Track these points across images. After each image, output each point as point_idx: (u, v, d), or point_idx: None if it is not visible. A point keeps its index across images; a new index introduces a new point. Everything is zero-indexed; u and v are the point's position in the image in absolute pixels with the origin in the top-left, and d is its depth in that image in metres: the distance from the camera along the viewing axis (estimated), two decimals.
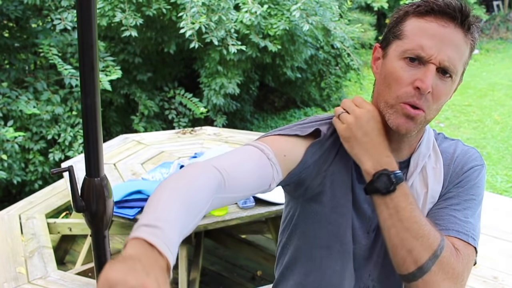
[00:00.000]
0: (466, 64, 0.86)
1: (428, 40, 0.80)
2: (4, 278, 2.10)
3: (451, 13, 0.81)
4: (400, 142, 0.90)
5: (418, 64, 0.81)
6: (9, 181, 3.34)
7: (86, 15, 1.04)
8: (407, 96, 0.81)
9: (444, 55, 0.80)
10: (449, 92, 0.85)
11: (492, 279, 2.66)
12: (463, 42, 0.82)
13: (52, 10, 3.74)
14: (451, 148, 0.95)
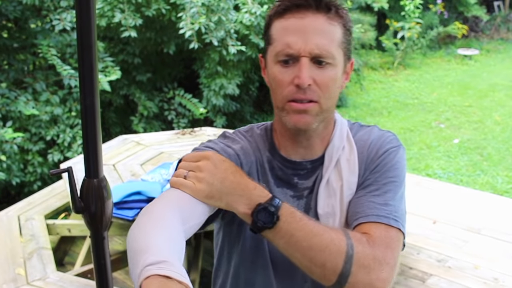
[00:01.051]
0: (346, 43, 0.85)
1: (292, 37, 0.80)
2: (3, 280, 2.10)
3: (303, 3, 0.81)
4: (309, 140, 0.89)
5: (292, 63, 0.81)
6: (8, 182, 3.33)
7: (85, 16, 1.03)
8: (291, 94, 0.82)
9: (312, 44, 0.80)
10: (335, 77, 0.83)
11: (492, 280, 2.65)
12: (328, 25, 0.81)
13: (51, 10, 3.74)
14: (366, 135, 0.92)
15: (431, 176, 4.16)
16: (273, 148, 0.92)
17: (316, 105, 0.83)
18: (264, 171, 0.91)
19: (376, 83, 6.90)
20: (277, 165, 0.91)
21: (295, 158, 0.91)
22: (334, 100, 0.86)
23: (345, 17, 0.85)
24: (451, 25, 7.94)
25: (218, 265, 1.01)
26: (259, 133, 0.94)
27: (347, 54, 0.86)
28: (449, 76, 7.26)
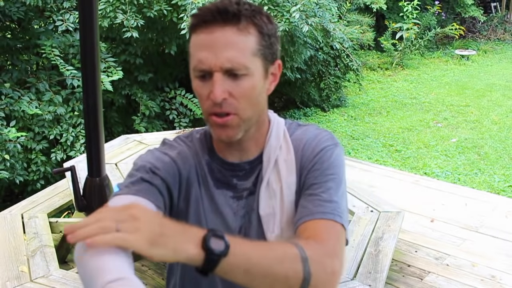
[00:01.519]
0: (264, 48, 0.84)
1: (203, 52, 0.80)
2: (7, 277, 2.12)
3: (210, 18, 0.80)
4: (242, 144, 0.89)
5: (208, 78, 0.81)
6: (12, 180, 3.36)
7: (88, 17, 1.06)
8: (210, 108, 0.83)
9: (222, 58, 0.79)
10: (252, 86, 0.82)
11: (490, 278, 2.68)
12: (238, 36, 0.80)
13: (54, 11, 3.77)
14: (302, 134, 0.93)
15: (429, 175, 4.19)
16: (212, 151, 0.93)
17: (235, 117, 0.83)
18: (204, 174, 0.92)
19: (375, 83, 6.93)
20: (216, 167, 0.92)
21: (233, 160, 0.91)
22: (257, 107, 0.86)
23: (260, 23, 0.83)
24: (449, 26, 7.97)
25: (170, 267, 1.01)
26: (198, 138, 0.95)
27: (268, 59, 0.85)
28: (446, 76, 7.29)
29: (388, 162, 4.47)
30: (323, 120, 5.51)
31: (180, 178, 0.89)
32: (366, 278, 2.12)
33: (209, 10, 0.80)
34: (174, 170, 0.88)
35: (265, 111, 0.91)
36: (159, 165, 0.86)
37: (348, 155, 4.60)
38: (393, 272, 2.71)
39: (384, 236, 2.47)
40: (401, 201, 3.42)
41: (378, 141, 4.96)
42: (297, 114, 5.65)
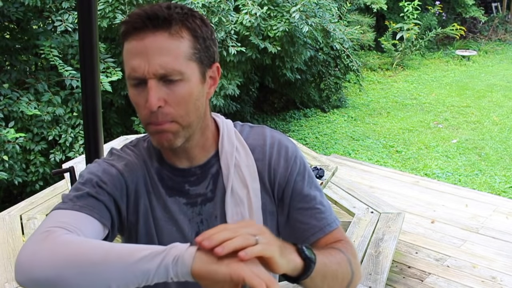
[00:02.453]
0: (199, 52, 0.81)
1: (134, 60, 0.78)
2: (5, 278, 2.12)
3: (140, 25, 0.78)
4: (188, 150, 0.87)
5: (143, 86, 0.79)
6: (10, 181, 3.35)
7: (87, 17, 1.05)
8: (147, 118, 0.81)
9: (155, 65, 0.77)
10: (188, 91, 0.80)
11: (490, 279, 2.67)
12: (170, 41, 0.78)
13: (53, 11, 3.76)
14: (259, 138, 0.92)
15: (430, 176, 4.18)
16: (161, 159, 0.90)
17: (173, 124, 0.81)
18: (154, 183, 0.89)
19: (375, 84, 6.92)
20: (166, 174, 0.89)
21: (183, 165, 0.89)
22: (196, 112, 0.83)
23: (193, 26, 0.80)
24: (449, 26, 7.97)
25: None
26: (146, 146, 0.92)
27: (204, 62, 0.82)
28: (447, 76, 7.28)
29: (389, 163, 4.46)
30: (323, 121, 5.51)
31: (128, 191, 0.86)
32: (366, 280, 2.11)
33: (139, 17, 0.78)
34: (121, 183, 0.85)
35: (207, 115, 0.88)
36: (105, 179, 0.84)
37: (349, 156, 4.59)
38: (394, 274, 2.70)
39: (384, 237, 2.46)
40: (401, 202, 3.41)
41: (378, 142, 4.96)
42: (297, 114, 5.65)
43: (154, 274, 0.67)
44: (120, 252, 0.69)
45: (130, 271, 0.67)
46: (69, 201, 0.81)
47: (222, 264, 0.65)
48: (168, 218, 0.88)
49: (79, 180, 0.85)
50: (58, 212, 0.79)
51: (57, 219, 0.77)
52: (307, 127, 5.35)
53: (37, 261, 0.70)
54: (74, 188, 0.84)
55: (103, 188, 0.83)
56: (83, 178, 0.85)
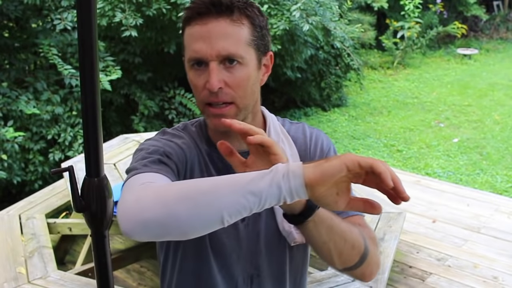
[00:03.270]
0: (257, 39, 0.86)
1: (197, 43, 0.83)
2: (4, 278, 2.11)
3: (204, 10, 0.83)
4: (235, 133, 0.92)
5: (204, 68, 0.84)
6: (9, 181, 3.34)
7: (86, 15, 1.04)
8: (206, 98, 0.85)
9: (217, 47, 0.82)
10: (246, 75, 0.85)
11: (492, 279, 2.66)
12: (232, 27, 0.83)
13: (52, 10, 3.74)
14: (299, 132, 0.98)
15: (431, 175, 4.17)
16: (209, 142, 0.94)
17: (232, 107, 0.86)
18: (206, 165, 0.92)
19: (376, 83, 6.91)
20: (216, 157, 0.92)
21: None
22: (252, 96, 0.88)
23: (252, 15, 0.86)
24: (451, 25, 7.95)
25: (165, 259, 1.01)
26: (194, 130, 0.96)
27: (260, 50, 0.88)
28: (448, 75, 7.27)
29: (390, 162, 4.44)
30: (324, 120, 5.49)
31: (186, 166, 0.90)
32: None
33: (203, 3, 0.83)
34: (182, 157, 0.89)
35: (259, 102, 0.94)
36: (171, 151, 0.87)
37: None
38: (395, 273, 2.69)
39: (385, 237, 2.45)
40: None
41: (379, 141, 4.94)
42: (298, 113, 5.63)
43: (266, 194, 0.65)
44: (228, 179, 0.68)
45: (241, 195, 0.65)
46: (144, 167, 0.82)
47: (331, 160, 0.65)
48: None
49: (143, 151, 0.86)
50: (139, 175, 0.79)
51: (142, 180, 0.77)
52: None
53: (144, 204, 0.69)
54: (140, 157, 0.85)
55: (170, 158, 0.86)
56: (148, 150, 0.86)
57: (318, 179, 0.64)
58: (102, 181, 0.94)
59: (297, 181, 0.65)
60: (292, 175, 0.65)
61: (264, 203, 0.66)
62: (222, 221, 0.66)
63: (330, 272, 2.10)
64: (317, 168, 0.65)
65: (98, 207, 0.94)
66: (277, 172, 0.66)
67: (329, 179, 0.64)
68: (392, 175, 0.63)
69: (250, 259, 0.94)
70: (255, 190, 0.65)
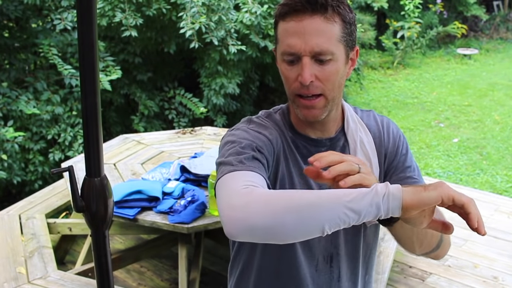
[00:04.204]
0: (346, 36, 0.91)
1: (292, 39, 0.88)
2: (4, 278, 2.11)
3: (301, 8, 0.87)
4: (324, 123, 0.98)
5: (296, 62, 0.90)
6: (9, 181, 3.33)
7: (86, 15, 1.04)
8: (297, 90, 0.91)
9: (312, 44, 0.87)
10: (336, 70, 0.90)
11: (492, 279, 2.66)
12: (325, 24, 0.88)
13: (52, 10, 3.74)
14: (371, 119, 1.05)
15: (431, 175, 4.17)
16: (293, 129, 1.00)
17: (321, 99, 0.92)
18: (291, 151, 0.98)
19: (376, 83, 6.90)
20: (301, 143, 0.99)
21: (315, 136, 1.00)
22: (339, 89, 0.94)
23: (344, 12, 0.90)
24: (451, 25, 7.94)
25: (237, 252, 1.07)
26: (278, 118, 1.01)
27: (349, 45, 0.92)
28: (448, 75, 7.26)
29: None
30: None
31: (274, 157, 0.95)
32: None
33: (299, 1, 0.88)
34: (271, 149, 0.93)
35: (342, 93, 1.00)
36: (261, 145, 0.92)
37: None
38: (395, 273, 2.69)
39: (385, 237, 2.45)
40: None
41: None
42: None
43: (365, 212, 0.70)
44: (331, 194, 0.73)
45: (342, 211, 0.70)
46: (240, 164, 0.85)
47: (429, 190, 0.69)
48: (304, 183, 0.98)
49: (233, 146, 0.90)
50: (237, 173, 0.83)
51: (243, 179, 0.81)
52: None
53: (254, 210, 0.73)
54: (235, 152, 0.88)
55: (262, 152, 0.90)
56: (241, 143, 0.90)
57: (414, 205, 0.70)
58: (102, 181, 0.94)
59: (395, 203, 0.70)
60: (392, 198, 0.70)
61: (363, 219, 0.71)
62: (322, 232, 0.72)
63: None
64: (416, 196, 0.69)
65: (98, 207, 0.94)
66: (377, 193, 0.71)
67: (424, 207, 0.70)
68: (479, 217, 0.70)
69: (331, 239, 1.00)
70: (356, 208, 0.70)
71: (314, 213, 0.71)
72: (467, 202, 0.69)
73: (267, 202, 0.74)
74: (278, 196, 0.75)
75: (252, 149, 0.89)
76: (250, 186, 0.79)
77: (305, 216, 0.71)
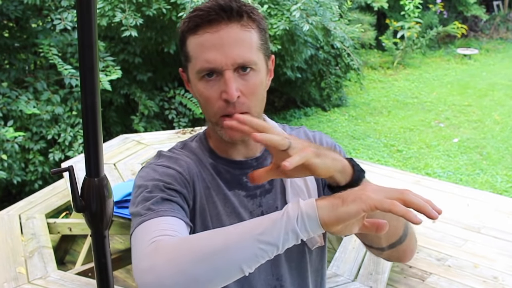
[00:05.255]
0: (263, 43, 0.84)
1: (210, 53, 0.79)
2: (4, 278, 2.11)
3: (215, 17, 0.79)
4: (247, 141, 0.89)
5: (216, 77, 0.81)
6: (9, 181, 3.34)
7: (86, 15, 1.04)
8: (222, 110, 0.81)
9: (232, 55, 0.79)
10: (260, 81, 0.83)
11: (492, 279, 2.66)
12: (244, 32, 0.81)
13: (52, 10, 3.74)
14: (302, 134, 0.97)
15: (431, 175, 4.16)
16: (213, 154, 0.91)
17: (247, 115, 0.81)
18: (213, 178, 0.89)
19: (376, 83, 6.90)
20: (223, 168, 0.90)
21: (239, 158, 0.91)
22: (263, 102, 0.86)
23: (258, 19, 0.84)
24: (451, 25, 7.95)
25: None
26: (195, 145, 0.93)
27: (266, 54, 0.86)
28: (448, 75, 7.26)
29: (390, 162, 4.44)
30: (324, 120, 5.49)
31: (189, 188, 0.86)
32: (367, 279, 2.10)
33: (212, 9, 0.80)
34: (183, 181, 0.85)
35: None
36: (170, 180, 0.83)
37: (349, 155, 4.57)
38: (395, 273, 2.69)
39: None
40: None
41: (379, 141, 4.94)
42: (298, 113, 5.63)
43: (283, 241, 0.64)
44: (239, 230, 0.66)
45: (256, 247, 0.64)
46: (149, 211, 0.78)
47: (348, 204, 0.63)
48: (230, 212, 0.89)
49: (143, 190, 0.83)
50: (146, 223, 0.76)
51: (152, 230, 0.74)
52: (308, 126, 5.33)
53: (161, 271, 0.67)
54: (142, 199, 0.81)
55: (172, 188, 0.82)
56: (147, 187, 0.82)
57: (333, 222, 0.64)
58: (102, 181, 0.94)
59: (313, 224, 0.64)
60: (307, 218, 0.64)
61: (283, 248, 0.65)
62: (243, 272, 0.66)
63: (330, 272, 2.10)
64: (333, 212, 0.63)
65: (98, 207, 0.94)
66: (289, 217, 0.64)
67: (345, 222, 0.64)
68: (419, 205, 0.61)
69: (271, 270, 0.92)
70: (270, 240, 0.64)
71: (225, 258, 0.65)
72: (393, 207, 0.60)
73: (172, 259, 0.67)
74: (184, 248, 0.68)
75: (160, 190, 0.81)
76: (156, 240, 0.71)
77: (217, 265, 0.65)
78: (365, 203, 0.62)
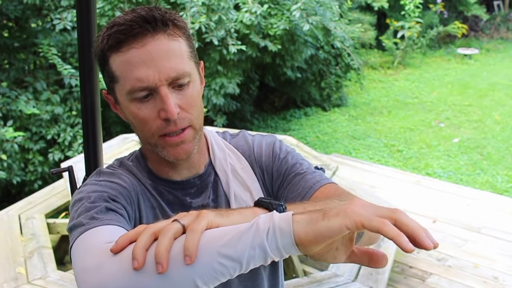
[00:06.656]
0: (192, 51, 0.78)
1: (140, 70, 0.72)
2: (4, 279, 2.10)
3: (139, 30, 0.72)
4: (190, 159, 0.82)
5: (151, 96, 0.74)
6: (9, 181, 3.33)
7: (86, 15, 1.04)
8: (161, 129, 0.76)
9: (165, 69, 0.72)
10: (197, 92, 0.78)
11: (492, 279, 2.66)
12: (172, 41, 0.74)
13: (51, 10, 3.74)
14: (242, 141, 0.91)
15: (431, 175, 4.16)
16: (152, 175, 0.85)
17: (189, 130, 0.77)
18: (155, 199, 0.83)
19: (376, 83, 6.90)
20: (164, 189, 0.84)
21: (180, 178, 0.84)
22: (202, 114, 0.81)
23: (184, 25, 0.78)
24: (451, 25, 7.94)
25: None
26: (132, 164, 0.86)
27: (196, 61, 0.80)
28: (449, 75, 7.26)
29: (390, 162, 4.44)
30: (324, 120, 5.48)
31: (133, 206, 0.80)
32: (367, 280, 2.10)
33: (135, 22, 0.72)
34: (128, 197, 0.78)
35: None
36: (114, 193, 0.77)
37: (349, 155, 4.57)
38: (395, 274, 2.69)
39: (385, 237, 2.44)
40: (402, 202, 3.39)
41: (379, 141, 4.93)
42: (298, 113, 5.62)
43: (248, 258, 0.55)
44: (204, 238, 0.57)
45: (216, 260, 0.55)
46: (92, 220, 0.70)
47: (329, 218, 0.53)
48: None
49: (82, 203, 0.74)
50: (90, 232, 0.68)
51: (96, 240, 0.66)
52: (308, 126, 5.33)
53: (108, 273, 0.59)
54: (84, 209, 0.72)
55: (117, 201, 0.76)
56: (89, 198, 0.75)
57: (311, 240, 0.54)
58: None
59: (286, 241, 0.54)
60: (280, 233, 0.54)
61: (247, 266, 0.56)
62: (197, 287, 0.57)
63: (330, 272, 2.10)
64: (311, 227, 0.54)
65: None
66: (259, 229, 0.55)
67: (325, 241, 0.54)
68: (414, 232, 0.53)
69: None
70: (233, 254, 0.55)
71: (178, 267, 0.55)
72: (379, 224, 0.51)
73: (121, 261, 0.58)
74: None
75: (105, 200, 0.74)
76: (104, 247, 0.62)
77: (168, 273, 0.55)
78: (350, 219, 0.53)
